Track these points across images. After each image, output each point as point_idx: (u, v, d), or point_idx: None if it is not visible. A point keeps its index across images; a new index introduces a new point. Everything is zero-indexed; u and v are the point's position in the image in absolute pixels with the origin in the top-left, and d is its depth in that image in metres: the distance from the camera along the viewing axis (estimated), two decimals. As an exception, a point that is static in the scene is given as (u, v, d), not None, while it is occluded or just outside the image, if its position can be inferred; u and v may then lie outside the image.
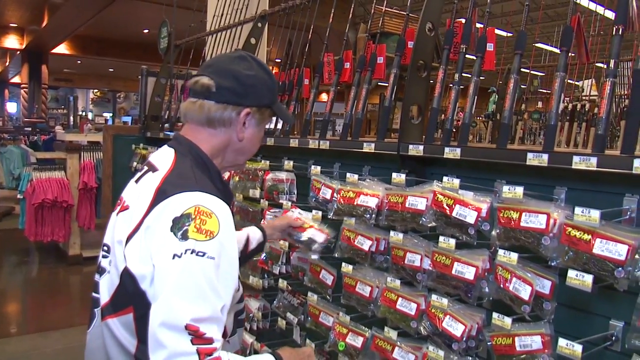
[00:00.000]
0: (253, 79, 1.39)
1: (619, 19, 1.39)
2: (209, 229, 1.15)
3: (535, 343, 1.40)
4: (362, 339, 1.88)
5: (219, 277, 1.15)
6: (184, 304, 1.08)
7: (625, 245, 1.21)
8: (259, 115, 1.41)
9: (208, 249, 1.13)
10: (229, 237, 1.21)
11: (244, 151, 1.44)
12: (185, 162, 1.32)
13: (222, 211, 1.20)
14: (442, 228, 1.61)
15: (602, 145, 1.35)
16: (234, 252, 1.23)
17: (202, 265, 1.12)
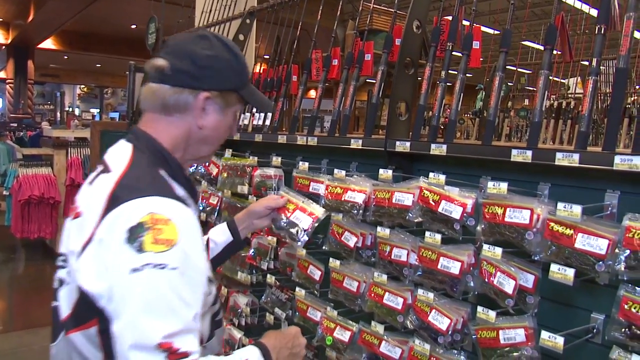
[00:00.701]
0: (212, 59, 1.25)
1: (601, 19, 1.42)
2: (167, 237, 1.05)
3: (518, 336, 1.43)
4: (350, 333, 1.90)
5: (187, 286, 1.06)
6: (153, 321, 1.00)
7: (605, 240, 1.23)
8: (221, 100, 1.26)
9: (168, 259, 1.03)
10: (192, 242, 1.11)
11: (207, 141, 1.30)
12: (142, 161, 1.20)
13: (180, 216, 1.10)
14: (428, 223, 1.63)
15: (585, 142, 1.38)
16: (199, 258, 1.14)
17: (165, 278, 1.03)
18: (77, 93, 31.91)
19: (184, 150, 1.28)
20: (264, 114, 2.63)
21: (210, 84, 1.25)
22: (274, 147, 2.48)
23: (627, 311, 1.20)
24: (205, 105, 1.25)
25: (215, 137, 1.32)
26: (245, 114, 2.79)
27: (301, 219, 1.67)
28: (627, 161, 1.24)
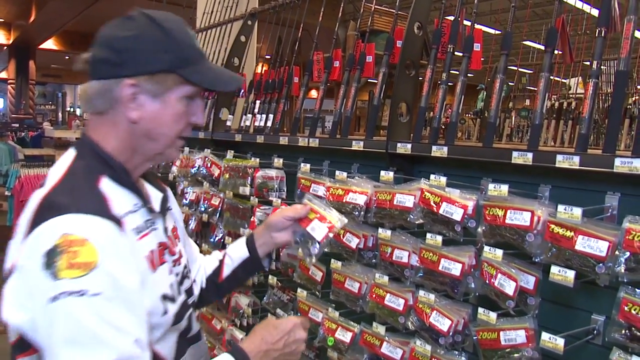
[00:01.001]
0: (132, 41, 1.08)
1: (601, 21, 1.43)
2: (84, 260, 0.93)
3: (519, 337, 1.44)
4: (351, 334, 1.91)
5: (117, 311, 0.95)
6: (76, 354, 0.90)
7: (606, 242, 1.24)
8: (153, 85, 1.08)
9: (88, 285, 0.92)
10: (116, 261, 0.97)
11: (151, 136, 1.13)
12: (79, 170, 1.08)
13: (99, 233, 0.97)
14: (429, 225, 1.64)
15: (585, 144, 1.39)
16: (130, 277, 1.00)
17: (86, 306, 0.92)
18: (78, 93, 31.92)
19: (132, 151, 1.14)
20: (265, 115, 2.64)
21: (133, 68, 1.08)
22: (276, 148, 2.49)
23: (627, 313, 1.20)
24: (133, 95, 1.09)
25: (160, 130, 1.13)
26: (247, 115, 2.80)
27: (316, 229, 1.42)
28: (627, 164, 1.25)
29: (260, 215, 2.40)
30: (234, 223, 2.58)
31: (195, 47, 1.15)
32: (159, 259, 1.15)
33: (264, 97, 2.69)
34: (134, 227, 1.09)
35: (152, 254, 1.13)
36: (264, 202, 2.43)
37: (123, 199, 1.10)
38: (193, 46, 1.14)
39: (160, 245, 1.18)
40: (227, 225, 2.63)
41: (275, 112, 2.60)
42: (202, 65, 1.15)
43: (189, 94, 1.13)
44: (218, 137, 2.89)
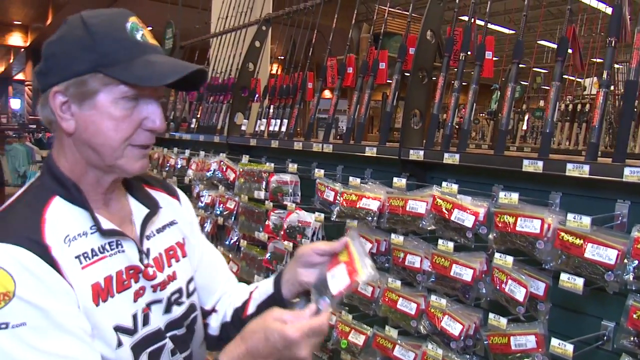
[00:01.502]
0: (56, 45, 0.99)
1: (612, 31, 1.45)
2: (1, 291, 0.86)
3: (529, 342, 1.46)
4: (364, 337, 1.94)
5: (53, 337, 0.89)
6: None
7: (615, 250, 1.26)
8: (75, 89, 0.97)
9: (8, 317, 0.86)
10: (37, 288, 0.90)
11: (92, 146, 1.01)
12: (28, 193, 1.03)
13: (12, 260, 0.89)
14: (441, 231, 1.67)
15: (595, 153, 1.41)
16: (57, 302, 0.91)
17: (14, 339, 0.86)
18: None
19: (83, 165, 1.04)
20: (279, 120, 2.68)
21: (58, 74, 0.98)
22: (290, 153, 2.53)
23: (636, 320, 1.22)
24: (63, 104, 0.99)
25: (98, 140, 1.00)
26: (261, 120, 2.84)
27: (336, 278, 1.12)
28: (637, 173, 1.27)
29: (275, 219, 2.44)
30: (249, 226, 2.63)
31: (129, 41, 1.00)
32: (117, 286, 1.03)
33: (278, 102, 2.74)
34: (80, 252, 0.99)
35: (106, 281, 1.01)
36: (278, 206, 2.47)
37: (76, 220, 1.02)
38: (126, 41, 0.99)
39: (129, 269, 1.06)
40: (242, 229, 2.68)
41: (289, 117, 2.64)
42: (138, 60, 0.99)
43: (126, 94, 0.99)
44: (233, 141, 2.94)
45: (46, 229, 0.96)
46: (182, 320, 1.17)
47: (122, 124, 1.00)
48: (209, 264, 1.33)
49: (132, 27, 1.01)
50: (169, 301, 1.14)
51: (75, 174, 1.04)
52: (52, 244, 0.95)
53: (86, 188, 1.05)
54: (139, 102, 1.01)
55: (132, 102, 1.00)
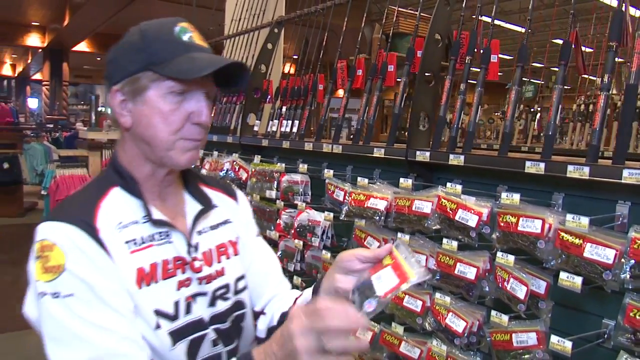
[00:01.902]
0: (116, 50, 1.12)
1: (612, 35, 1.48)
2: (54, 264, 0.98)
3: (531, 339, 1.50)
4: (371, 333, 1.99)
5: (93, 310, 0.98)
6: (61, 352, 0.96)
7: (613, 250, 1.30)
8: (130, 87, 1.09)
9: (59, 287, 0.97)
10: (84, 264, 1.00)
11: (146, 140, 1.10)
12: (92, 183, 1.15)
13: (65, 237, 1.00)
14: (445, 230, 1.71)
15: (595, 155, 1.44)
16: (103, 278, 1.01)
17: (61, 307, 0.96)
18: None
19: (140, 158, 1.14)
20: (291, 121, 2.74)
21: (116, 76, 1.10)
22: (301, 153, 2.58)
23: (632, 318, 1.26)
24: (121, 102, 1.10)
25: (150, 132, 1.09)
26: (273, 121, 2.90)
27: (383, 280, 1.03)
28: (636, 175, 1.30)
29: (286, 218, 2.50)
30: (260, 225, 2.68)
31: (175, 42, 1.09)
32: (162, 273, 1.10)
33: (289, 104, 2.79)
34: (130, 239, 1.08)
35: (151, 267, 1.09)
36: (289, 205, 2.53)
37: (130, 209, 1.11)
38: (172, 42, 1.09)
39: (176, 260, 1.13)
40: (254, 227, 2.74)
41: (300, 118, 2.70)
42: (181, 57, 1.08)
43: (173, 89, 1.07)
44: (246, 141, 3.00)
45: (99, 214, 1.06)
46: (227, 315, 1.21)
47: (170, 117, 1.08)
48: (262, 265, 1.35)
49: (180, 30, 1.11)
50: (213, 295, 1.19)
51: (133, 166, 1.14)
52: (102, 228, 1.04)
53: (142, 180, 1.14)
54: (186, 97, 1.09)
55: (179, 97, 1.08)
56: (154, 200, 1.15)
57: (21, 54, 22.42)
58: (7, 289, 5.85)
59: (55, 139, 11.72)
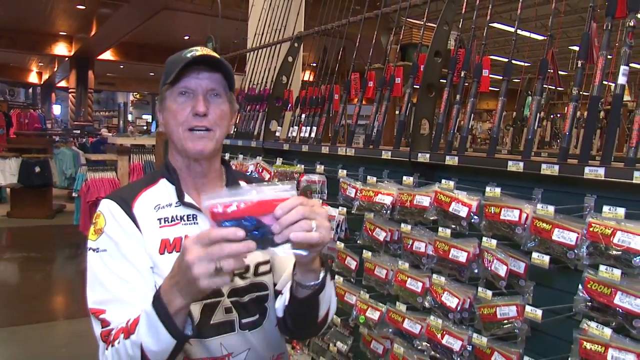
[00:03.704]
0: None
1: (581, 54, 1.75)
2: (99, 227, 1.31)
3: (511, 312, 1.77)
4: (379, 313, 2.27)
5: (117, 264, 1.27)
6: (88, 291, 1.27)
7: (575, 233, 1.57)
8: (159, 103, 1.43)
9: (99, 244, 1.30)
10: (115, 227, 1.31)
11: (169, 136, 1.40)
12: (148, 174, 1.53)
13: (107, 209, 1.34)
14: (441, 221, 1.99)
15: (565, 155, 1.71)
16: (127, 239, 1.30)
17: (96, 258, 1.28)
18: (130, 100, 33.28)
19: (179, 154, 1.41)
20: (309, 127, 3.04)
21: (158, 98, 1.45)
22: (318, 156, 2.88)
23: (589, 289, 1.53)
24: (158, 114, 1.45)
25: (168, 130, 1.39)
26: (293, 127, 3.20)
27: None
28: (594, 171, 1.57)
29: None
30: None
31: (180, 59, 1.34)
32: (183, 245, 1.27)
33: (308, 111, 3.09)
34: (162, 217, 1.36)
35: (174, 240, 1.34)
36: (307, 203, 2.82)
37: (168, 195, 1.40)
38: (178, 59, 1.35)
39: None
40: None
41: (318, 124, 3.00)
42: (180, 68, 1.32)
43: (178, 91, 1.35)
44: (268, 146, 3.31)
45: (140, 197, 1.39)
46: (245, 292, 1.41)
47: (177, 114, 1.35)
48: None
49: (187, 51, 1.38)
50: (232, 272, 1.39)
51: (173, 161, 1.44)
52: (138, 206, 1.36)
53: (181, 172, 1.43)
54: (189, 96, 1.35)
55: (182, 97, 1.35)
56: (189, 190, 1.41)
57: (48, 62, 23.13)
58: (38, 284, 6.25)
59: (82, 144, 12.17)
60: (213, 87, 1.37)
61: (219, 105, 1.38)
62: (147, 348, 1.13)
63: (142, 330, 1.14)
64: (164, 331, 1.11)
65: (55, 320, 5.17)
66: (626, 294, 1.44)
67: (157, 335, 1.11)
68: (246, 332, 1.40)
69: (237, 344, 1.38)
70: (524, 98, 6.29)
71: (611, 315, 1.48)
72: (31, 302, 5.45)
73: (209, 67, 1.37)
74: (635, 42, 1.65)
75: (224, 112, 1.39)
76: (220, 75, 1.38)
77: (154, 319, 1.11)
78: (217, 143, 1.39)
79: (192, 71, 1.35)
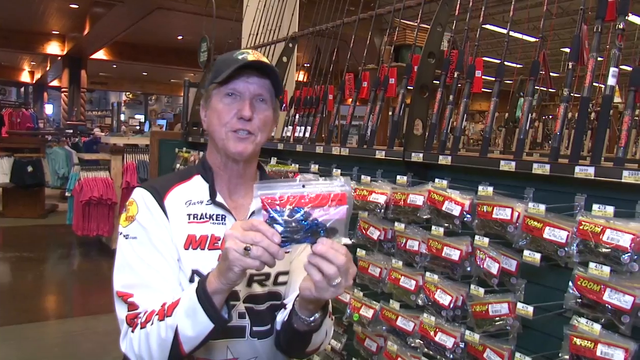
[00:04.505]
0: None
1: (572, 56, 1.78)
2: (131, 214, 1.35)
3: (503, 309, 1.80)
4: (373, 310, 2.30)
5: (146, 251, 1.31)
6: (117, 275, 1.32)
7: (565, 231, 1.60)
8: (204, 99, 1.45)
9: (130, 231, 1.33)
10: (147, 216, 1.34)
11: (211, 134, 1.43)
12: (184, 169, 1.51)
13: (140, 197, 1.37)
14: (435, 219, 2.02)
15: (556, 155, 1.74)
16: (157, 231, 1.33)
17: (127, 244, 1.32)
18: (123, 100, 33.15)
19: (217, 153, 1.43)
20: (304, 127, 3.06)
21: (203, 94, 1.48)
22: (313, 156, 2.90)
23: (579, 286, 1.56)
24: (203, 110, 1.47)
25: (211, 128, 1.41)
26: (288, 127, 3.22)
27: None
28: (584, 171, 1.60)
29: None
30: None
31: (231, 60, 1.36)
32: (209, 244, 1.37)
33: (302, 112, 3.11)
34: (192, 212, 1.38)
35: (201, 237, 1.36)
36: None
37: (201, 191, 1.42)
38: (229, 60, 1.37)
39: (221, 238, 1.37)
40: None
41: (312, 124, 3.02)
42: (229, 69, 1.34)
43: (225, 92, 1.37)
44: (263, 145, 3.31)
45: (173, 190, 1.41)
46: (262, 299, 1.42)
47: (222, 115, 1.37)
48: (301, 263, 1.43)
49: (238, 52, 1.40)
50: (251, 277, 1.40)
51: (211, 159, 1.46)
52: (170, 199, 1.39)
53: (218, 170, 1.44)
54: (236, 98, 1.37)
55: (229, 98, 1.37)
56: (223, 190, 1.43)
57: (40, 62, 23.02)
58: (31, 284, 6.23)
59: (74, 143, 12.12)
60: (260, 93, 1.38)
61: (264, 111, 1.39)
62: (182, 332, 1.18)
63: (179, 313, 1.19)
64: (203, 314, 1.16)
65: (48, 320, 5.16)
66: (615, 291, 1.47)
67: (195, 318, 1.16)
68: (255, 340, 1.40)
69: (244, 350, 1.39)
70: (516, 99, 6.36)
71: (600, 311, 1.51)
72: (24, 302, 5.44)
73: (259, 72, 1.38)
74: (625, 45, 1.69)
75: (268, 117, 1.41)
76: (269, 82, 1.39)
77: (194, 302, 1.16)
78: (257, 146, 1.41)
79: (242, 74, 1.36)
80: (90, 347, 4.33)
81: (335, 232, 1.11)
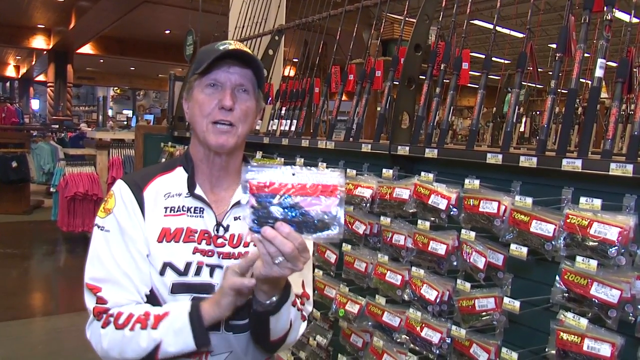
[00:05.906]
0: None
1: (559, 48, 1.76)
2: (109, 207, 1.34)
3: (490, 304, 1.78)
4: (359, 306, 2.27)
5: (117, 246, 1.30)
6: (87, 265, 1.31)
7: (552, 225, 1.58)
8: (186, 91, 1.41)
9: (105, 223, 1.32)
10: (123, 212, 1.32)
11: (193, 126, 1.39)
12: (167, 161, 1.52)
13: (119, 191, 1.35)
14: (421, 213, 1.99)
15: (544, 147, 1.72)
16: (131, 227, 1.32)
17: (100, 236, 1.31)
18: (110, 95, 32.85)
19: (200, 145, 1.39)
20: (289, 120, 3.02)
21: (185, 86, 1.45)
22: (298, 149, 2.86)
23: (566, 280, 1.54)
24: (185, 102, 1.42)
25: (193, 120, 1.37)
26: (274, 120, 3.18)
27: None
28: (571, 163, 1.58)
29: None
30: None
31: (212, 50, 1.33)
32: (184, 237, 1.34)
33: (288, 105, 3.07)
34: (169, 205, 1.36)
35: (175, 230, 1.34)
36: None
37: (180, 184, 1.39)
38: (210, 50, 1.34)
39: (203, 232, 1.35)
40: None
41: (298, 118, 2.98)
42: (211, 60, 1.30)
43: (206, 82, 1.33)
44: (248, 139, 3.25)
45: (153, 182, 1.39)
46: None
47: (203, 106, 1.33)
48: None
49: (221, 43, 1.36)
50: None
51: (194, 151, 1.41)
52: (148, 192, 1.36)
53: (200, 163, 1.40)
54: (217, 88, 1.33)
55: (210, 89, 1.33)
56: (204, 183, 1.39)
57: (25, 56, 22.72)
58: (15, 281, 6.14)
59: (60, 139, 11.98)
60: (242, 83, 1.35)
61: (246, 101, 1.36)
62: (164, 347, 1.23)
63: (166, 329, 1.23)
64: (190, 336, 1.22)
65: (33, 317, 5.08)
66: (602, 285, 1.45)
67: (181, 337, 1.22)
68: (230, 334, 1.36)
69: (218, 344, 1.35)
70: (504, 95, 6.35)
71: (587, 305, 1.49)
72: (8, 299, 5.35)
73: (241, 62, 1.35)
74: (612, 40, 1.67)
75: (250, 108, 1.37)
76: (251, 72, 1.36)
77: (185, 325, 1.22)
78: (239, 139, 1.37)
79: (223, 64, 1.34)
80: (75, 344, 4.26)
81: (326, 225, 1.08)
